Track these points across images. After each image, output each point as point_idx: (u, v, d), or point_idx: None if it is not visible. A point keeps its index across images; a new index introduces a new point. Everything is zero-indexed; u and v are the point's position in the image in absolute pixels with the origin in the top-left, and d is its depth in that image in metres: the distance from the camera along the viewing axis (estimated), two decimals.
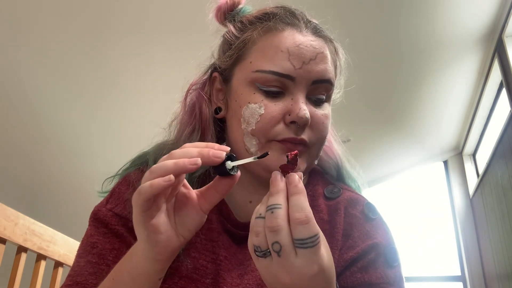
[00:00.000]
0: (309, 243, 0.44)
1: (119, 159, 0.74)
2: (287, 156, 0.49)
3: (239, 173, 0.53)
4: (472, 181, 4.16)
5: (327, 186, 0.72)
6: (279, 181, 0.48)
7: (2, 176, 2.62)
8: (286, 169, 0.49)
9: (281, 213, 0.45)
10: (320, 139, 0.65)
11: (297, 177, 0.48)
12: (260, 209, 0.48)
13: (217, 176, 0.54)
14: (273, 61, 0.62)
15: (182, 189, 0.54)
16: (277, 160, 0.60)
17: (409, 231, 4.31)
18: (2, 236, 1.12)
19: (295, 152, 0.49)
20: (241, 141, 0.64)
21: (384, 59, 2.87)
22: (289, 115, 0.61)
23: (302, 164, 0.63)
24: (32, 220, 1.25)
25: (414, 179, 4.59)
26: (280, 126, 0.62)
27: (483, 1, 2.59)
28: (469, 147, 4.14)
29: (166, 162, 0.49)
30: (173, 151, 0.51)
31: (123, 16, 2.19)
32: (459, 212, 4.20)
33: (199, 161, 0.48)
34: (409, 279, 4.07)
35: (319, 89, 0.64)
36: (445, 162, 4.42)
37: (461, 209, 4.20)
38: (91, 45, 2.29)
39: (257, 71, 0.63)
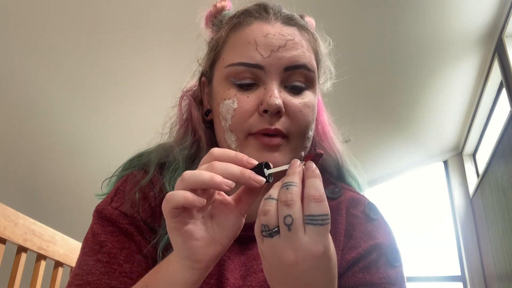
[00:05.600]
0: (319, 221, 0.44)
1: (119, 159, 0.74)
2: (316, 152, 0.52)
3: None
4: (472, 181, 4.16)
5: (328, 186, 0.72)
6: (297, 165, 0.49)
7: (2, 176, 2.62)
8: (307, 160, 0.51)
9: (296, 189, 0.46)
10: (301, 129, 0.63)
11: (315, 165, 0.49)
12: (270, 191, 0.48)
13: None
14: (242, 53, 0.63)
15: (218, 196, 0.53)
16: (256, 156, 0.58)
17: (409, 231, 4.31)
18: (2, 236, 1.12)
19: (321, 152, 0.51)
20: (224, 139, 0.64)
21: (384, 59, 2.87)
22: (262, 104, 0.61)
23: (284, 157, 0.62)
24: (32, 220, 1.25)
25: (414, 179, 4.59)
26: (255, 118, 0.61)
27: (483, 1, 2.59)
28: (469, 147, 4.14)
29: (202, 173, 0.47)
30: (214, 162, 0.49)
31: (122, 16, 2.19)
32: (459, 212, 4.20)
33: (233, 185, 0.48)
34: (409, 279, 4.06)
35: (294, 76, 0.64)
36: (445, 162, 4.43)
37: (461, 209, 4.20)
38: (90, 44, 2.29)
39: (228, 65, 0.63)
